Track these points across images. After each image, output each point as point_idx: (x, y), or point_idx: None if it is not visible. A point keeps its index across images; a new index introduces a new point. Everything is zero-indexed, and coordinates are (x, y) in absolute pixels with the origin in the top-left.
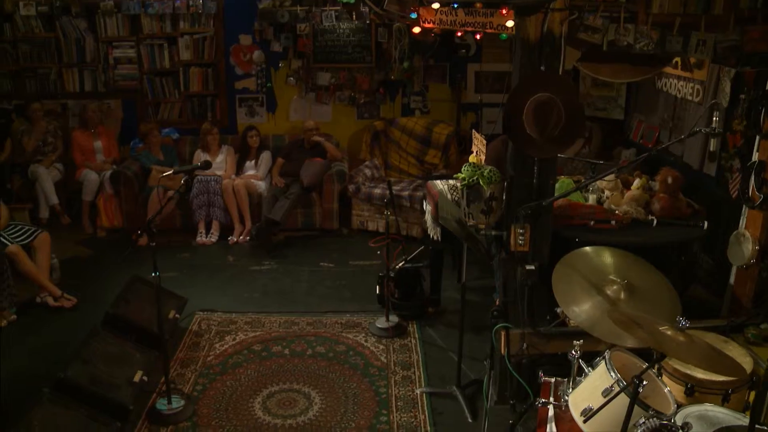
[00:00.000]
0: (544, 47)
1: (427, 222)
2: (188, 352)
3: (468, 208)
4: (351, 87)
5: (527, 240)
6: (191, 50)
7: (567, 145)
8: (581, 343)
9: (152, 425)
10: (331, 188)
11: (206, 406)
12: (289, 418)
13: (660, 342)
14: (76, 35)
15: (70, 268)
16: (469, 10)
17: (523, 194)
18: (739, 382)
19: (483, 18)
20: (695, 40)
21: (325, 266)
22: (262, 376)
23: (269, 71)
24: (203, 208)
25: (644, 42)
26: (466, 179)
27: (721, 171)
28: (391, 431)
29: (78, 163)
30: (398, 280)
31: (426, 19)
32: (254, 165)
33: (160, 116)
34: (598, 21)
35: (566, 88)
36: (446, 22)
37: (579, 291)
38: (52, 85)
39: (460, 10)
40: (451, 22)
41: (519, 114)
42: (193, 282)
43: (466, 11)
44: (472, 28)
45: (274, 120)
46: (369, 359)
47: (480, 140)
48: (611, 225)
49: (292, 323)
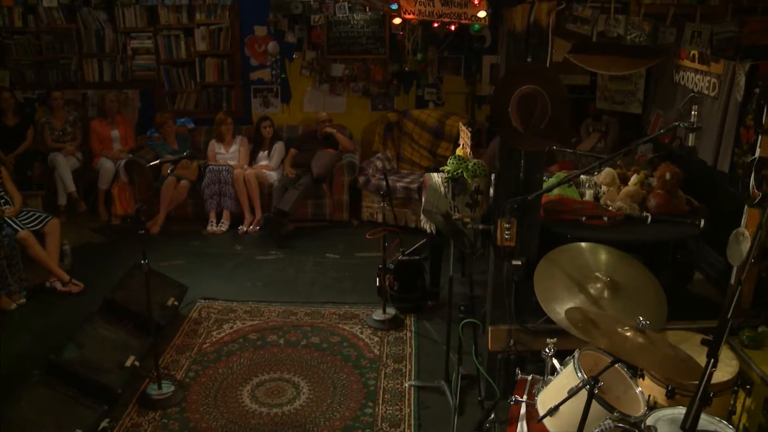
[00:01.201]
0: (531, 39)
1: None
2: (185, 339)
3: (453, 201)
4: (365, 78)
5: (513, 235)
6: (207, 41)
7: (553, 139)
8: (555, 341)
9: (141, 409)
10: (341, 179)
11: (196, 392)
12: (275, 407)
13: (614, 343)
14: (96, 26)
15: (82, 255)
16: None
17: (509, 188)
18: (722, 385)
19: (458, 9)
20: (690, 32)
21: (330, 257)
22: (254, 364)
23: (284, 62)
24: (214, 198)
25: (636, 33)
26: (450, 172)
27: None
28: (375, 423)
29: (96, 151)
30: (398, 273)
31: (406, 9)
32: (267, 155)
33: (177, 106)
34: (587, 12)
35: (553, 80)
36: (425, 12)
37: (561, 288)
38: (72, 75)
39: (437, 0)
40: (429, 12)
41: (505, 106)
42: (199, 270)
43: (443, 1)
44: (448, 19)
45: (289, 111)
46: (362, 351)
47: (466, 133)
48: (603, 221)
49: (291, 313)
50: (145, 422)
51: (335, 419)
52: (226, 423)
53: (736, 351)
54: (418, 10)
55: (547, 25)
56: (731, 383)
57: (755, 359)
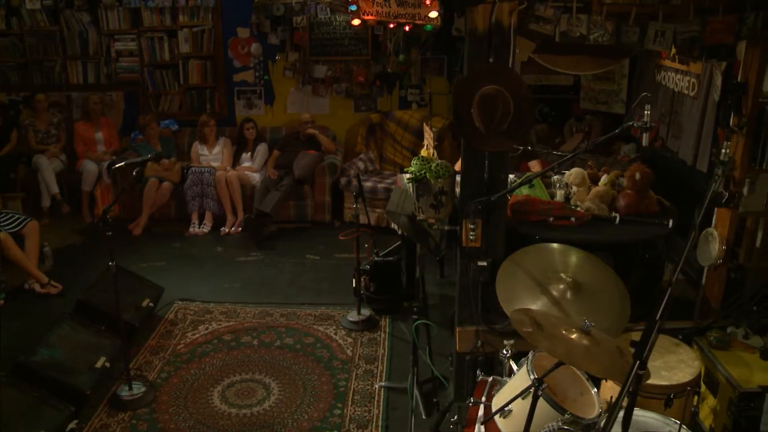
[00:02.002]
0: (493, 39)
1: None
2: (160, 340)
3: (418, 202)
4: (347, 80)
5: (479, 235)
6: (190, 43)
7: (516, 139)
8: (512, 342)
9: (111, 410)
10: (323, 181)
11: (167, 393)
12: (244, 408)
13: (556, 346)
14: (80, 28)
15: (64, 256)
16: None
17: (474, 189)
18: (683, 386)
19: (412, 9)
20: (653, 31)
21: (310, 258)
22: (226, 365)
23: (266, 64)
24: (196, 199)
25: (598, 33)
26: (414, 173)
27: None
28: (343, 425)
29: (79, 153)
30: (373, 274)
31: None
32: (250, 157)
33: (161, 108)
34: (549, 11)
35: (515, 80)
36: (382, 13)
37: (522, 289)
38: (57, 77)
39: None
40: (386, 13)
41: (467, 107)
42: (179, 271)
43: (398, 2)
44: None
45: (272, 112)
46: (335, 352)
47: (429, 134)
48: (570, 222)
49: (267, 314)
50: (114, 423)
51: (303, 420)
52: (195, 424)
53: (703, 351)
54: (375, 11)
55: (509, 25)
56: (692, 384)
57: (721, 360)
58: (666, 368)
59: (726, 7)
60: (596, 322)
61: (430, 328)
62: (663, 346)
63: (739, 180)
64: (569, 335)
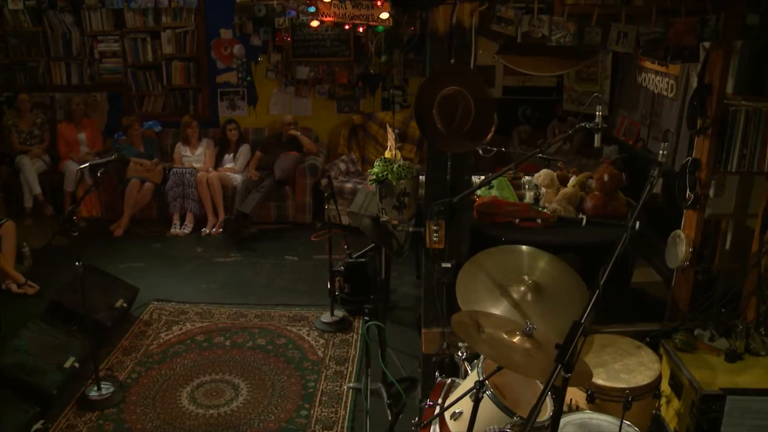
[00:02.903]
0: (454, 40)
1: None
2: (133, 341)
3: (381, 203)
4: (330, 81)
5: (442, 237)
6: (173, 44)
7: (478, 141)
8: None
9: (79, 410)
10: (304, 182)
11: (136, 393)
12: (211, 408)
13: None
14: (63, 29)
15: (45, 257)
16: (356, 2)
17: (437, 190)
18: (642, 389)
19: (366, 11)
20: (615, 32)
21: (289, 259)
22: (197, 366)
23: (249, 65)
24: (178, 200)
25: (561, 34)
26: (377, 174)
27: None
28: (309, 426)
29: (62, 154)
30: (348, 275)
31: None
32: (233, 158)
33: (144, 109)
34: (511, 12)
35: (476, 81)
36: (339, 15)
37: (482, 291)
38: (40, 78)
39: (348, 2)
40: (342, 15)
41: (429, 108)
42: (158, 272)
43: (353, 4)
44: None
45: (255, 113)
46: (306, 353)
47: (392, 135)
48: (536, 223)
49: (241, 315)
50: (81, 423)
51: (270, 421)
52: (161, 424)
53: (668, 354)
54: (333, 13)
55: (470, 26)
56: (651, 387)
57: (686, 362)
58: (625, 371)
59: (688, 8)
60: (555, 324)
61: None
62: (624, 348)
63: (705, 182)
64: (511, 338)
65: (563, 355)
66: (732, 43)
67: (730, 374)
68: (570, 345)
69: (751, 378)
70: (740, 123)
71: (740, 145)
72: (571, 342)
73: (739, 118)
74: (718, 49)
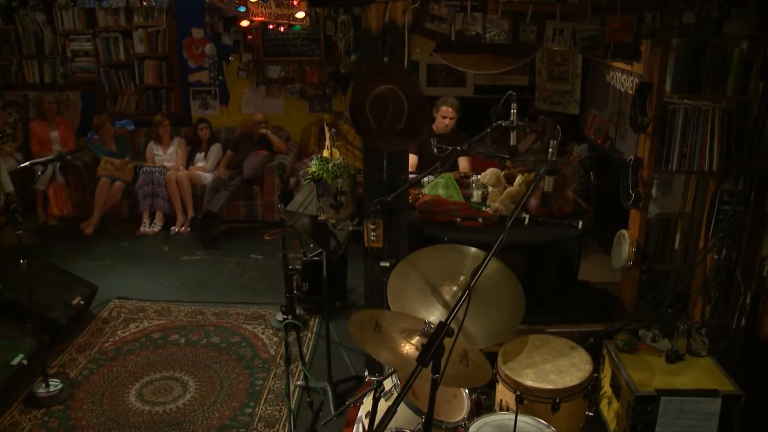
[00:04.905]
0: (388, 38)
1: None
2: (89, 338)
3: (318, 202)
4: (301, 80)
5: (380, 236)
6: (145, 43)
7: (411, 139)
8: None
9: (26, 408)
10: (272, 181)
11: (85, 390)
12: (157, 405)
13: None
14: (34, 28)
15: (12, 255)
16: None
17: (374, 189)
18: (570, 390)
19: (287, 10)
20: (551, 30)
21: (253, 258)
22: (149, 363)
23: (221, 64)
24: (147, 199)
25: (495, 31)
26: (313, 173)
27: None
28: (251, 423)
29: (35, 153)
30: (305, 274)
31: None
32: (204, 157)
33: (117, 108)
34: (444, 10)
35: (407, 79)
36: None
37: (413, 290)
38: (13, 76)
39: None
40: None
41: (363, 106)
42: (123, 270)
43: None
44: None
45: (227, 112)
46: (258, 351)
47: (329, 134)
48: (478, 222)
49: (199, 313)
50: (26, 420)
51: (213, 418)
52: (106, 421)
53: (610, 355)
54: (261, 12)
55: (403, 24)
56: (580, 388)
57: (626, 363)
58: (555, 372)
59: (624, 6)
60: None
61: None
62: (557, 349)
63: (647, 181)
64: (409, 339)
65: (425, 355)
66: (669, 40)
67: (668, 375)
68: (433, 345)
69: (688, 379)
70: (679, 121)
71: (680, 144)
72: (434, 342)
73: (678, 116)
74: (656, 47)
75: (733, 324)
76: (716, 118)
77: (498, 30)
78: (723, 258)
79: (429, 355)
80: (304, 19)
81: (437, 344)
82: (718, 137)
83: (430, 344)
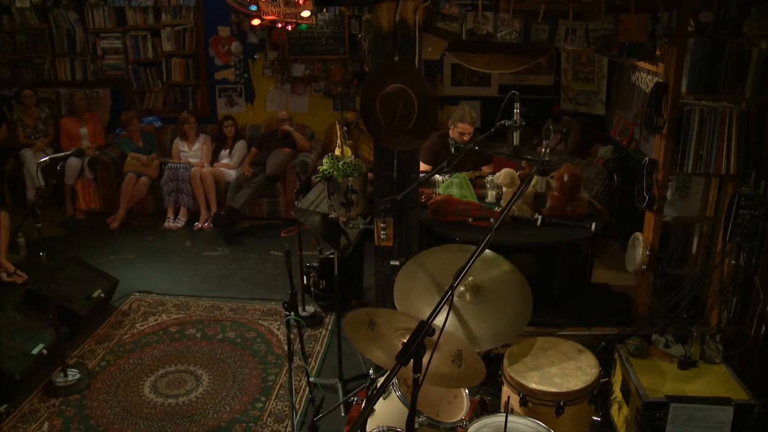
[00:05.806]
0: (399, 37)
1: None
2: (109, 330)
3: (329, 200)
4: (326, 78)
5: (390, 235)
6: (173, 42)
7: (421, 138)
8: None
9: (44, 396)
10: (294, 178)
11: (102, 381)
12: (170, 398)
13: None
14: (67, 26)
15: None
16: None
17: (385, 188)
18: (575, 394)
19: (294, 9)
20: (563, 29)
21: (273, 255)
22: (165, 356)
23: (247, 62)
24: (172, 194)
25: (506, 31)
26: (323, 172)
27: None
28: (261, 418)
29: (65, 148)
30: (322, 271)
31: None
32: (229, 154)
33: (145, 105)
34: (455, 9)
35: (418, 79)
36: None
37: (419, 289)
38: (46, 73)
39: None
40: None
41: (373, 105)
42: (145, 264)
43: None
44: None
45: (252, 110)
46: (272, 347)
47: (340, 133)
48: (489, 222)
49: (216, 308)
50: (44, 408)
51: (224, 412)
52: (120, 411)
53: (621, 359)
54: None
55: (414, 23)
56: (585, 392)
57: (636, 368)
58: (561, 375)
59: (639, 5)
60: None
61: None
62: (564, 352)
63: (662, 183)
64: (403, 339)
65: (404, 354)
66: (685, 40)
67: (680, 381)
68: (412, 344)
69: (700, 386)
70: (695, 123)
71: (696, 146)
72: (413, 341)
73: (694, 117)
74: (672, 46)
75: (751, 331)
76: (734, 119)
77: (509, 29)
78: (740, 263)
79: (408, 354)
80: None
81: (417, 343)
82: (735, 139)
83: (409, 343)
